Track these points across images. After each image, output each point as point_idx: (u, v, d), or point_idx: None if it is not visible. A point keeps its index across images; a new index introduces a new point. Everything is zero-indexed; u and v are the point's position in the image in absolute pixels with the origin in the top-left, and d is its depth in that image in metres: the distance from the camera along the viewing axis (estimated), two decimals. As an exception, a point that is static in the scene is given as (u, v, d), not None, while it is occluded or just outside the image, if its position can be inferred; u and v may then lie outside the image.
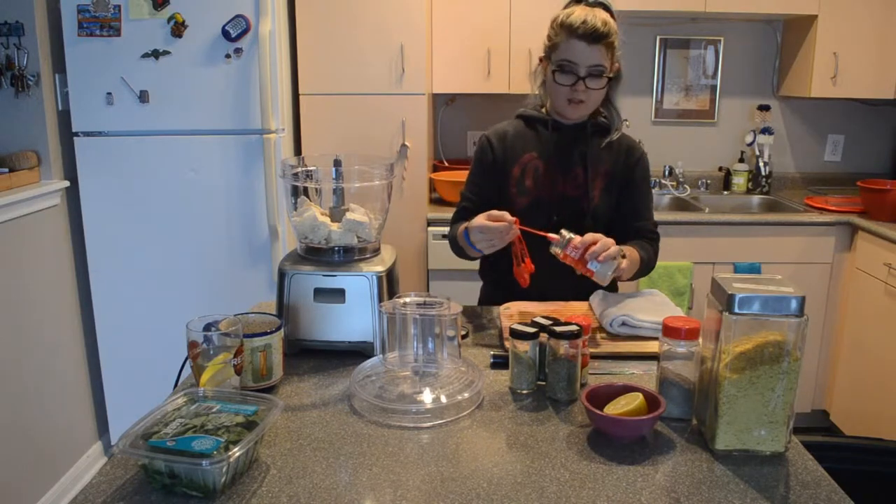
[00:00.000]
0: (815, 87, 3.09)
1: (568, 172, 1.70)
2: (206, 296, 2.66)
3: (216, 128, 2.57)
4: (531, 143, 1.72)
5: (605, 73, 1.60)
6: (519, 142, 1.73)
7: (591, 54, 1.58)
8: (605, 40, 1.57)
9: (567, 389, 1.18)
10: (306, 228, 1.39)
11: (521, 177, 1.70)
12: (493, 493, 0.92)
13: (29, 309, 2.41)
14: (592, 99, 1.63)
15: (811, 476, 0.97)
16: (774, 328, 0.97)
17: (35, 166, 2.48)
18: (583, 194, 1.69)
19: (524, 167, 1.71)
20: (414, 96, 2.84)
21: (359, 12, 2.78)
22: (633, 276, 1.64)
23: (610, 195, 1.71)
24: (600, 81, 1.60)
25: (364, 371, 1.25)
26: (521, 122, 1.76)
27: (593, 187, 1.69)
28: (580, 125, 1.71)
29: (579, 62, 1.58)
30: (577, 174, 1.69)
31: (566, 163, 1.70)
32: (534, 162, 1.70)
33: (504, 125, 1.78)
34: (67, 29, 2.47)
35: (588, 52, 1.57)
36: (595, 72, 1.59)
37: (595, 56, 1.58)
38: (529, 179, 1.70)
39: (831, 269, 2.95)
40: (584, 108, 1.65)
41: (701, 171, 3.51)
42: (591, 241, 1.41)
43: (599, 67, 1.59)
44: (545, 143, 1.71)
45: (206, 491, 0.90)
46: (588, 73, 1.59)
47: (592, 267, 1.41)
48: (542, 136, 1.72)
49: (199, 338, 1.10)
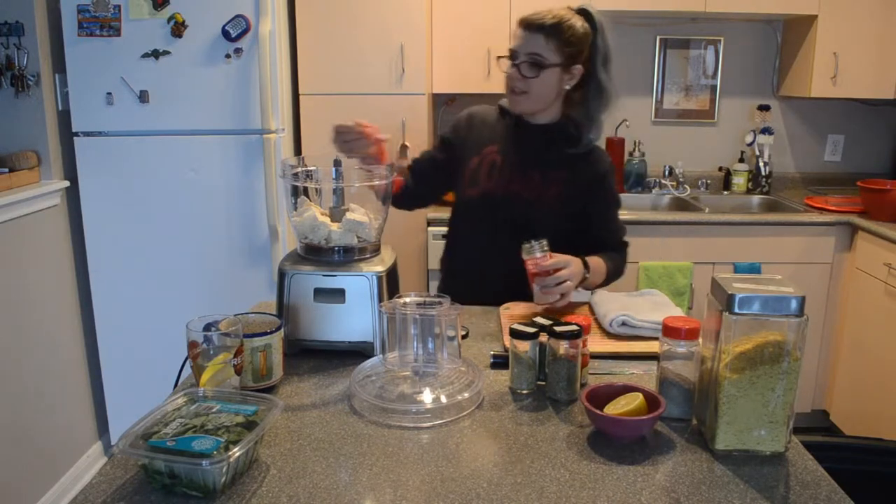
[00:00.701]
0: (815, 87, 3.09)
1: (524, 173, 1.68)
2: (206, 296, 2.66)
3: (216, 128, 2.57)
4: (495, 136, 1.72)
5: (541, 62, 1.57)
6: (485, 132, 1.73)
7: (529, 42, 1.57)
8: (545, 30, 1.55)
9: (567, 389, 1.18)
10: (306, 228, 1.39)
11: (478, 168, 1.70)
12: (493, 493, 0.92)
13: (29, 309, 2.41)
14: (534, 91, 1.60)
15: (811, 476, 0.97)
16: (774, 328, 0.97)
17: (35, 166, 2.48)
18: (535, 198, 1.66)
19: (482, 159, 1.70)
20: (414, 96, 2.84)
21: (359, 12, 2.78)
22: (599, 286, 1.68)
23: (564, 205, 1.67)
24: (533, 70, 1.57)
25: (364, 371, 1.25)
26: (496, 110, 1.77)
27: (547, 192, 1.66)
28: (545, 128, 1.69)
29: (518, 49, 1.59)
30: (533, 177, 1.67)
31: (524, 163, 1.69)
32: (493, 155, 1.70)
33: (483, 108, 1.79)
34: (67, 29, 2.47)
35: (525, 39, 1.57)
36: (530, 59, 1.57)
37: (533, 45, 1.56)
38: (484, 172, 1.69)
39: (831, 269, 2.95)
40: (526, 100, 1.62)
41: (701, 171, 3.51)
42: (553, 269, 1.47)
43: (536, 56, 1.56)
44: (509, 138, 1.70)
45: (206, 491, 0.90)
46: (524, 60, 1.57)
47: (535, 289, 1.50)
48: (507, 132, 1.71)
49: (199, 338, 1.09)
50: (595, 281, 1.64)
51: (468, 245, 1.76)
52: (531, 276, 1.49)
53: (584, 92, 1.66)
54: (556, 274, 1.47)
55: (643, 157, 3.37)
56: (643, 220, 2.89)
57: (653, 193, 3.38)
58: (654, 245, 2.90)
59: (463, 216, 1.77)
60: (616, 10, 3.05)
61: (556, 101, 1.67)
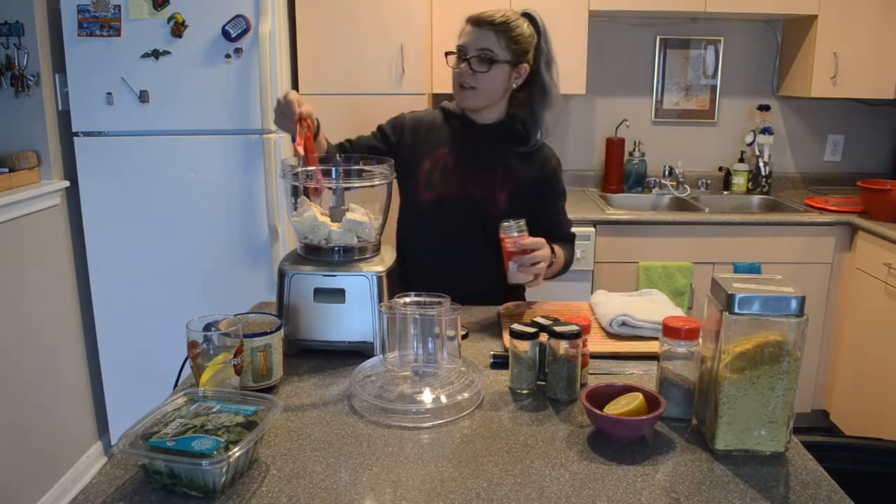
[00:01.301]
0: (815, 87, 3.09)
1: (477, 173, 1.70)
2: (206, 296, 2.66)
3: (216, 128, 2.57)
4: (444, 139, 1.73)
5: (491, 57, 1.60)
6: (433, 134, 1.74)
7: (478, 37, 1.61)
8: (495, 27, 1.60)
9: (567, 389, 1.18)
10: (306, 228, 1.39)
11: (431, 171, 1.71)
12: (493, 493, 0.92)
13: (29, 309, 2.41)
14: (483, 86, 1.63)
15: (811, 476, 0.97)
16: (774, 328, 0.97)
17: (35, 166, 2.48)
18: (489, 198, 1.69)
19: (435, 162, 1.71)
20: (414, 96, 2.84)
21: (359, 12, 2.78)
22: (554, 275, 1.70)
23: (517, 202, 1.70)
24: (484, 65, 1.61)
25: (364, 371, 1.25)
26: (440, 113, 1.78)
27: (500, 191, 1.69)
28: (492, 127, 1.71)
29: (467, 45, 1.62)
30: (486, 176, 1.69)
31: (476, 163, 1.70)
32: (444, 158, 1.71)
33: (423, 112, 1.81)
34: (67, 29, 2.47)
35: (475, 35, 1.61)
36: (480, 55, 1.60)
37: (482, 40, 1.60)
38: (437, 175, 1.70)
39: (831, 269, 2.95)
40: (475, 95, 1.65)
41: (701, 171, 3.51)
42: (530, 249, 1.48)
43: (486, 52, 1.60)
44: (458, 140, 1.72)
45: (206, 491, 0.90)
46: (474, 55, 1.60)
47: (511, 267, 1.50)
48: (455, 133, 1.73)
49: (199, 338, 1.10)
50: (555, 268, 1.66)
51: (425, 248, 1.75)
52: (508, 254, 1.50)
53: (529, 91, 1.70)
54: (532, 254, 1.49)
55: (643, 157, 3.37)
56: (643, 220, 2.89)
57: (653, 193, 3.38)
58: (654, 245, 2.90)
59: (417, 219, 1.76)
60: (616, 10, 3.05)
61: (503, 100, 1.70)
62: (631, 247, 2.89)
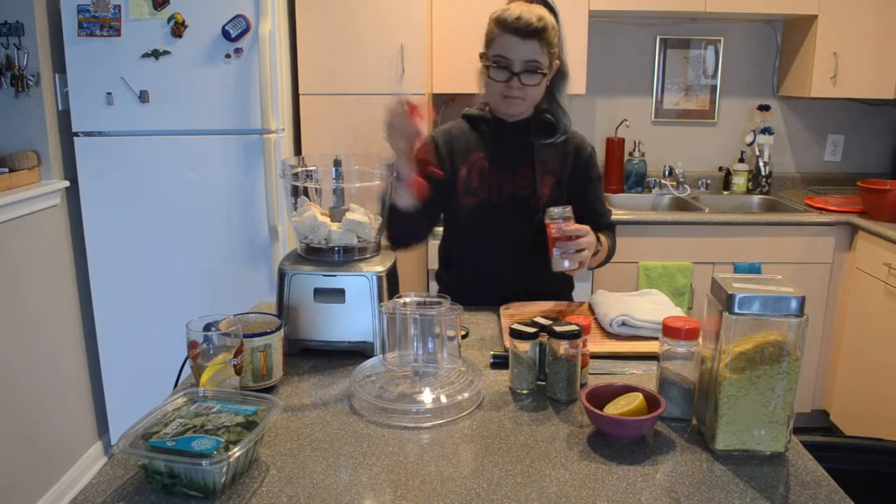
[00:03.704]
0: (815, 87, 3.09)
1: (515, 172, 1.68)
2: (206, 296, 2.66)
3: (216, 128, 2.57)
4: (476, 144, 1.71)
5: (540, 69, 1.57)
6: (464, 142, 1.72)
7: (524, 49, 1.55)
8: (539, 36, 1.55)
9: (567, 389, 1.18)
10: (306, 228, 1.39)
11: (468, 177, 1.69)
12: (493, 493, 0.92)
13: (29, 309, 2.41)
14: (530, 96, 1.61)
15: (811, 476, 0.97)
16: (774, 328, 0.97)
17: (35, 166, 2.48)
18: (531, 193, 1.67)
19: (471, 167, 1.69)
20: (414, 96, 2.84)
21: (359, 12, 2.78)
22: (599, 264, 1.71)
23: (559, 193, 1.69)
24: (535, 77, 1.58)
25: (364, 371, 1.25)
26: (466, 122, 1.76)
27: (542, 185, 1.68)
28: (523, 123, 1.69)
29: (513, 58, 1.56)
30: (525, 173, 1.68)
31: (512, 162, 1.69)
32: (480, 162, 1.69)
33: (449, 125, 1.77)
34: (67, 29, 2.47)
35: (522, 47, 1.55)
36: (530, 67, 1.56)
37: (529, 51, 1.55)
38: (476, 180, 1.69)
39: (831, 269, 2.95)
40: (521, 104, 1.63)
41: (701, 171, 3.51)
42: (574, 235, 1.47)
43: (534, 63, 1.56)
44: (489, 142, 1.70)
45: (206, 491, 0.90)
46: (523, 68, 1.56)
47: (555, 253, 1.49)
48: (486, 136, 1.71)
49: (199, 338, 1.10)
50: (599, 257, 1.65)
51: (471, 252, 1.74)
52: (553, 240, 1.49)
53: (552, 80, 1.67)
54: (577, 240, 1.48)
55: (643, 157, 3.37)
56: (643, 220, 2.89)
57: (653, 193, 3.38)
58: (654, 245, 2.90)
59: (462, 226, 1.74)
60: (616, 10, 3.05)
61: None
62: (631, 247, 2.89)
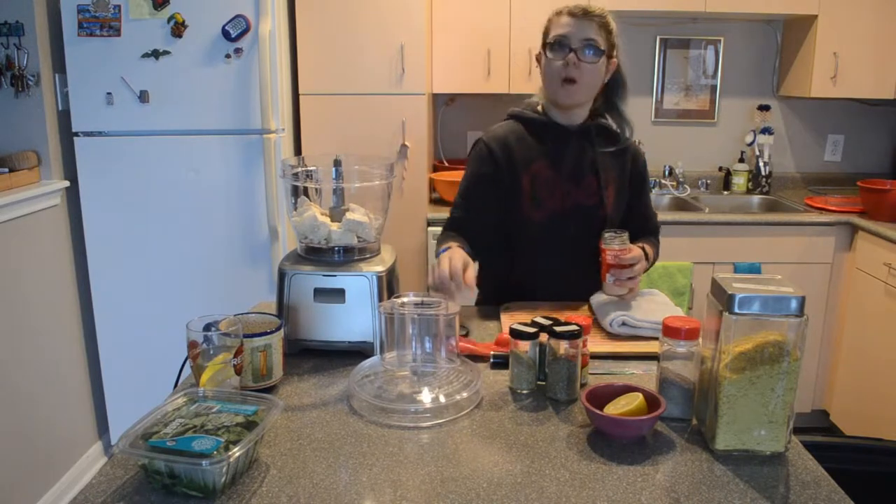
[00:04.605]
0: (815, 87, 3.09)
1: (581, 181, 1.64)
2: (206, 296, 2.66)
3: (216, 128, 2.57)
4: (536, 151, 1.64)
5: (598, 47, 1.56)
6: (523, 149, 1.64)
7: (581, 27, 1.56)
8: (593, 16, 1.57)
9: (567, 389, 1.18)
10: (306, 228, 1.39)
11: (533, 189, 1.63)
12: (493, 493, 0.92)
13: (29, 309, 2.41)
14: (586, 80, 1.57)
15: (811, 476, 0.97)
16: (774, 328, 0.97)
17: (35, 166, 2.48)
18: (598, 202, 1.65)
19: (533, 177, 1.63)
20: (414, 96, 2.84)
21: (359, 12, 2.78)
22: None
23: (620, 201, 1.70)
24: (593, 56, 1.56)
25: (363, 371, 1.25)
26: (518, 124, 1.69)
27: (607, 195, 1.65)
28: (584, 130, 1.66)
29: (570, 34, 1.56)
30: (591, 182, 1.65)
31: (576, 171, 1.64)
32: (543, 171, 1.63)
33: (501, 129, 1.69)
34: (67, 29, 2.47)
35: (578, 25, 1.56)
36: (588, 45, 1.55)
37: (585, 30, 1.56)
38: (542, 191, 1.63)
39: (831, 269, 2.95)
40: (578, 90, 1.58)
41: (701, 171, 3.51)
42: (628, 264, 1.50)
43: (591, 41, 1.55)
44: (552, 150, 1.64)
45: (206, 491, 0.90)
46: (581, 45, 1.55)
47: (609, 279, 1.52)
48: (546, 143, 1.65)
49: (199, 338, 1.09)
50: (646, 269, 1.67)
51: (540, 260, 1.68)
52: (606, 266, 1.51)
53: (607, 87, 1.67)
54: (630, 268, 1.50)
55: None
56: (643, 220, 2.89)
57: (653, 193, 3.38)
58: (654, 245, 2.90)
59: (532, 238, 1.67)
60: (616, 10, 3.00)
61: (591, 99, 1.66)
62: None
